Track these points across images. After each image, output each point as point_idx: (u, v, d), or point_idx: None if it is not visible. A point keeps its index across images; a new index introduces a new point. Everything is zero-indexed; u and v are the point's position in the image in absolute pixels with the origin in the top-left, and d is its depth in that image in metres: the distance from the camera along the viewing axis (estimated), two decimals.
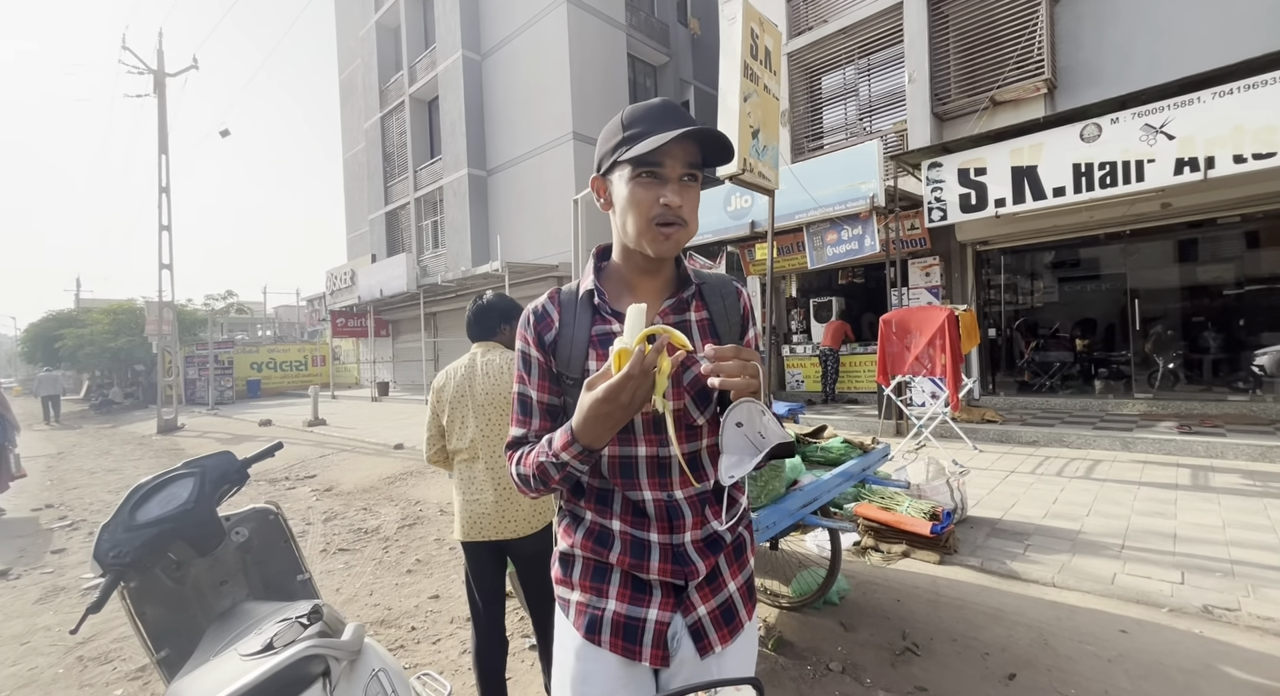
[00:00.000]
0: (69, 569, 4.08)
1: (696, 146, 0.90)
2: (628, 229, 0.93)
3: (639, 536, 0.97)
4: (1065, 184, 5.58)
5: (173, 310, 13.99)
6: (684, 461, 0.92)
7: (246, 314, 33.72)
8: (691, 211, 0.92)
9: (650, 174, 0.89)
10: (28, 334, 24.84)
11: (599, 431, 0.81)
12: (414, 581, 3.51)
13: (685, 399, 0.96)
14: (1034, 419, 6.98)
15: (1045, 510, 3.99)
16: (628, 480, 0.97)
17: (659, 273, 1.01)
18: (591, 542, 0.99)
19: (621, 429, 0.91)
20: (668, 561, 0.95)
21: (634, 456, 0.97)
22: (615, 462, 0.97)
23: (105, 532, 1.56)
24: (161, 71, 13.80)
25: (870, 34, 8.93)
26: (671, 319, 0.99)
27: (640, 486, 0.96)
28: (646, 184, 0.89)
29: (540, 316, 1.02)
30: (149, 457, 9.21)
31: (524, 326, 1.02)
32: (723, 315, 1.03)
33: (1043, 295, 9.80)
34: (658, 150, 0.86)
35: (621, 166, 0.91)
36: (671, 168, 0.88)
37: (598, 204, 1.01)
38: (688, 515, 0.97)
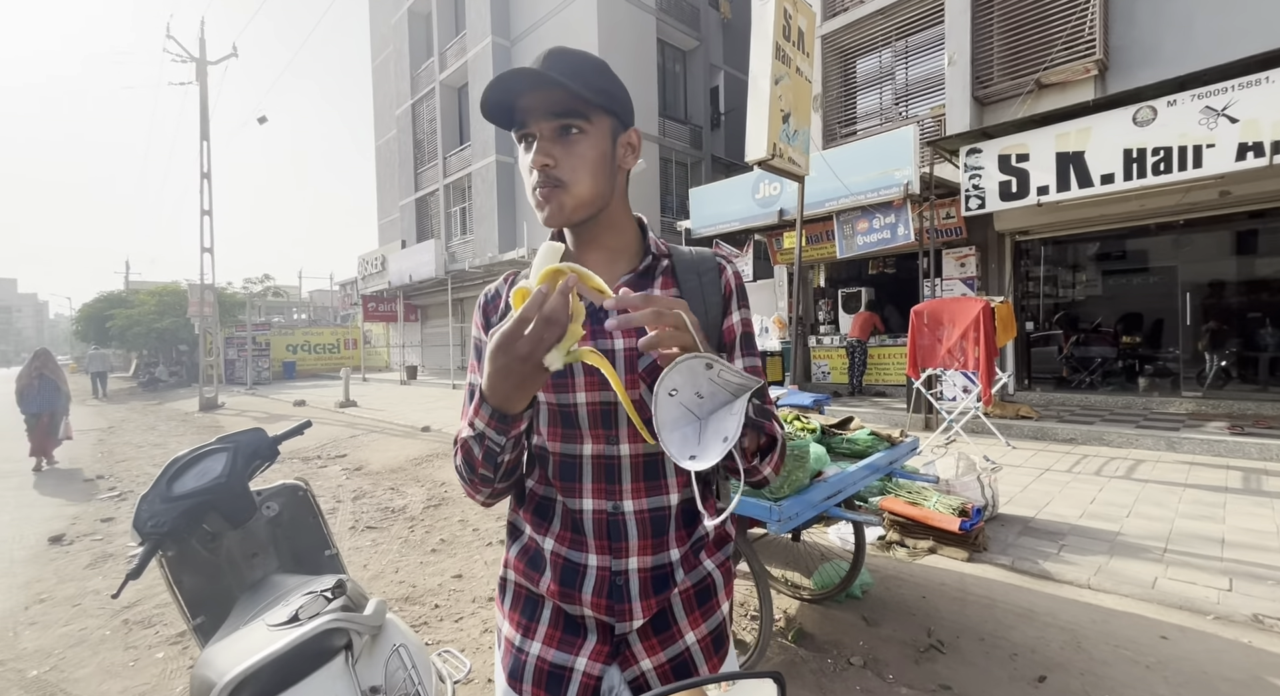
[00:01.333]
0: (116, 537, 4.28)
1: (565, 91, 0.73)
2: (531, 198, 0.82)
3: (573, 558, 0.81)
4: (1115, 171, 5.31)
5: (214, 293, 14.47)
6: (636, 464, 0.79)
7: (282, 297, 34.71)
8: (573, 167, 0.76)
9: (526, 140, 0.78)
10: (82, 314, 26.04)
11: (505, 390, 0.64)
12: (438, 560, 3.58)
13: (641, 387, 0.80)
14: (1072, 416, 6.74)
15: (1082, 510, 3.85)
16: (568, 484, 0.82)
17: (601, 242, 0.86)
18: (524, 564, 0.86)
19: (565, 421, 0.81)
20: (602, 594, 0.79)
21: (577, 455, 0.82)
22: (557, 461, 0.83)
23: (144, 503, 1.61)
24: (203, 60, 14.15)
25: (909, 15, 8.61)
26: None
27: (582, 492, 0.81)
28: (526, 148, 0.78)
29: (490, 299, 0.91)
30: (191, 433, 9.60)
31: (476, 311, 0.92)
32: (697, 294, 0.85)
33: (1085, 288, 9.41)
34: (517, 110, 0.76)
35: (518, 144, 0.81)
36: (537, 124, 0.76)
37: None
38: (633, 535, 0.80)
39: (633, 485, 0.81)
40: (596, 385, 0.80)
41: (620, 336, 0.81)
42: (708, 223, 9.69)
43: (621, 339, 0.81)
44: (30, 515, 4.95)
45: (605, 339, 0.81)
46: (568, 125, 0.76)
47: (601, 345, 0.80)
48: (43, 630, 2.84)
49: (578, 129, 0.76)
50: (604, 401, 0.80)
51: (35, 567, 3.71)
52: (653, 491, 0.82)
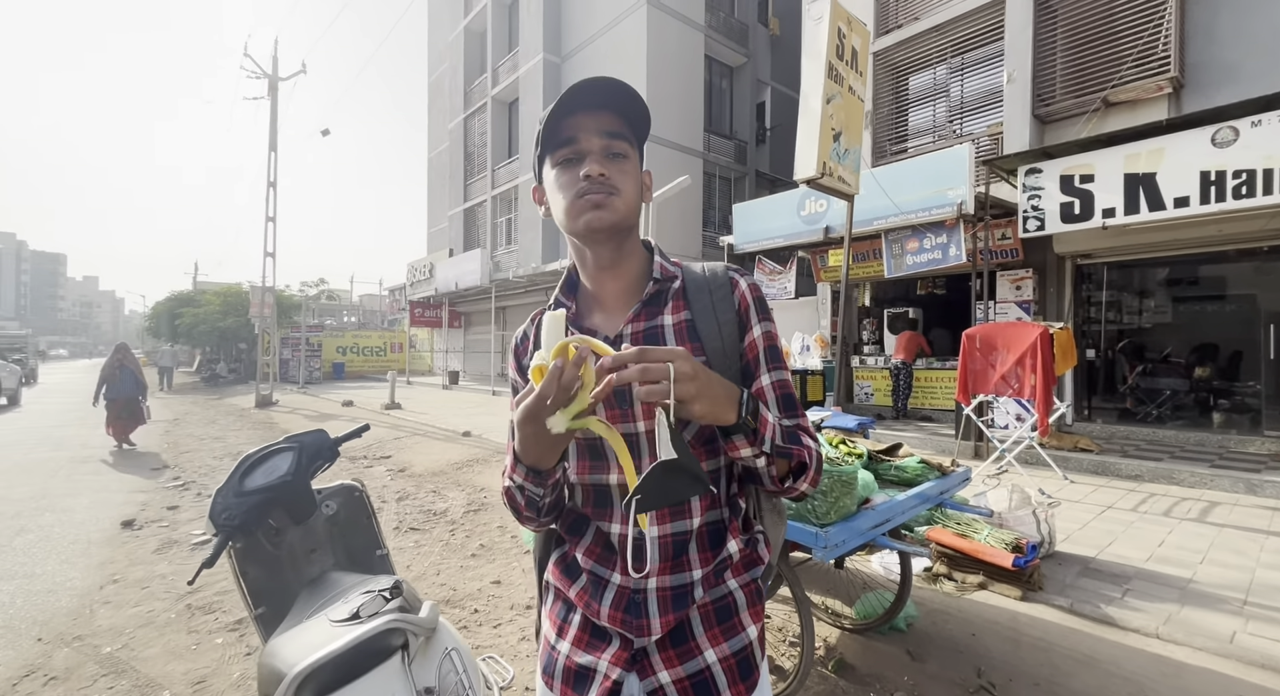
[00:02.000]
0: (181, 524, 4.52)
1: (615, 116, 0.81)
2: (558, 215, 0.84)
3: (600, 573, 0.86)
4: (1190, 194, 5.04)
5: (273, 295, 15.24)
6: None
7: (335, 300, 36.27)
8: (622, 180, 0.81)
9: (569, 157, 0.81)
10: (154, 311, 27.85)
11: (537, 452, 0.72)
12: (477, 565, 3.64)
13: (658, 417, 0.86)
14: (1137, 451, 6.36)
15: (1149, 552, 3.62)
16: (600, 510, 0.88)
17: (621, 269, 0.88)
18: (560, 571, 0.92)
19: (592, 454, 0.86)
20: (619, 608, 0.83)
21: (606, 484, 0.87)
22: (588, 490, 0.89)
23: (219, 496, 1.71)
24: (275, 76, 15.06)
25: (966, 31, 8.44)
26: (641, 325, 0.86)
27: (612, 517, 0.86)
28: (567, 167, 0.81)
29: (520, 341, 0.97)
30: (247, 429, 10.09)
31: (512, 354, 0.97)
32: (708, 313, 0.86)
33: (1153, 315, 8.90)
34: (564, 126, 0.80)
35: (545, 161, 0.84)
36: (588, 140, 0.80)
37: (540, 213, 0.93)
38: (656, 557, 0.83)
39: (657, 512, 0.83)
40: (618, 418, 0.84)
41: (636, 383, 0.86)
42: (751, 239, 9.65)
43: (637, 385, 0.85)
44: (105, 499, 5.29)
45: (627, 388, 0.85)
46: (616, 148, 0.81)
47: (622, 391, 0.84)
48: (115, 609, 3.02)
49: (622, 153, 0.82)
50: (627, 433, 0.84)
51: (109, 550, 3.96)
52: (676, 516, 0.84)
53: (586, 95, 0.79)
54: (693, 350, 0.84)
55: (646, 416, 0.83)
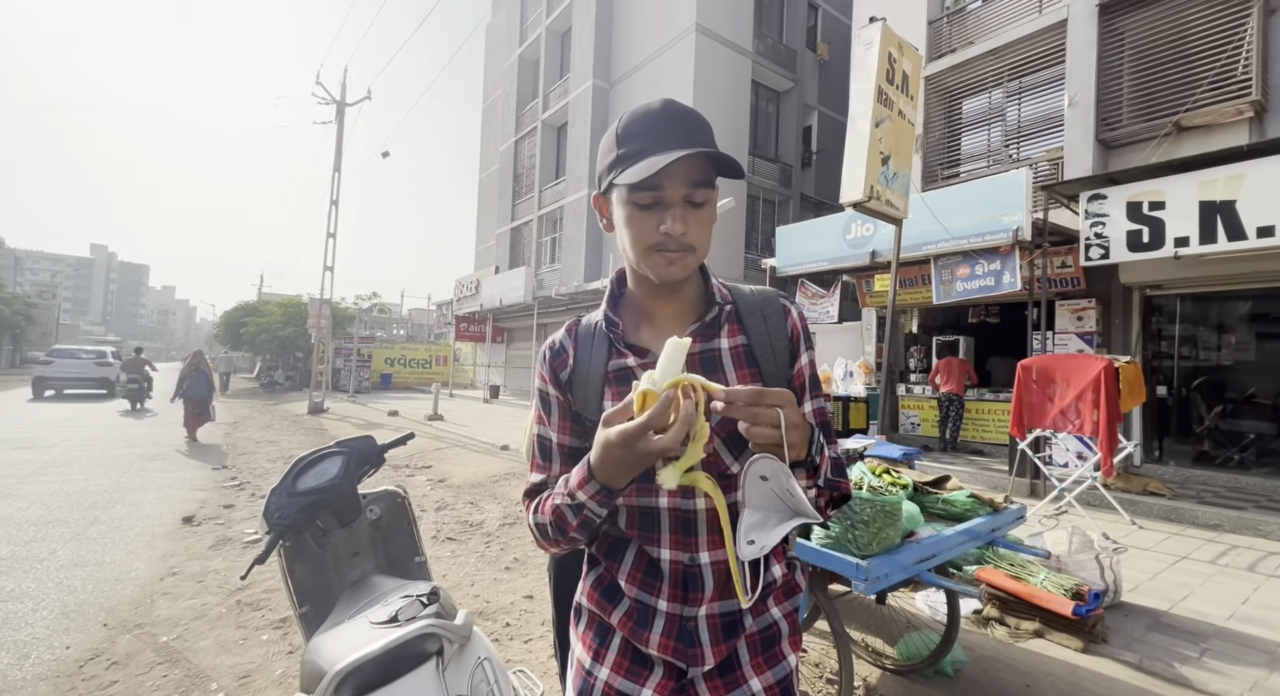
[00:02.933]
0: (235, 522, 4.74)
1: (702, 161, 0.78)
2: (628, 254, 0.83)
3: (645, 600, 0.84)
4: (1275, 223, 4.72)
5: (329, 307, 16.00)
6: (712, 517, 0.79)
7: (386, 314, 37.75)
8: (700, 235, 0.80)
9: (650, 201, 0.78)
10: (222, 320, 29.66)
11: (616, 473, 0.69)
12: (511, 579, 3.66)
13: (715, 441, 0.82)
14: (1215, 498, 5.87)
15: (1231, 610, 3.31)
16: (647, 534, 0.85)
17: (678, 294, 0.88)
18: (598, 595, 0.89)
19: (643, 474, 0.81)
20: (671, 637, 0.81)
21: (655, 507, 0.84)
22: (634, 513, 0.86)
23: (273, 496, 1.79)
24: (343, 102, 16.04)
25: (1025, 55, 8.25)
26: (697, 348, 0.85)
27: (660, 542, 0.83)
28: (646, 210, 0.78)
29: (556, 352, 0.91)
30: (299, 434, 10.53)
31: (540, 363, 0.93)
32: (764, 339, 0.86)
33: (1233, 352, 8.29)
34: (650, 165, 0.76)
35: (616, 188, 0.80)
36: (672, 189, 0.77)
37: (600, 223, 0.90)
38: (709, 585, 0.82)
39: (709, 537, 0.82)
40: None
41: None
42: (794, 261, 9.56)
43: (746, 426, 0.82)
44: (170, 495, 5.61)
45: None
46: (699, 197, 0.79)
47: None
48: (172, 601, 3.18)
49: (705, 201, 0.80)
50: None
51: (170, 543, 4.18)
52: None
53: (680, 137, 0.77)
54: (750, 376, 0.85)
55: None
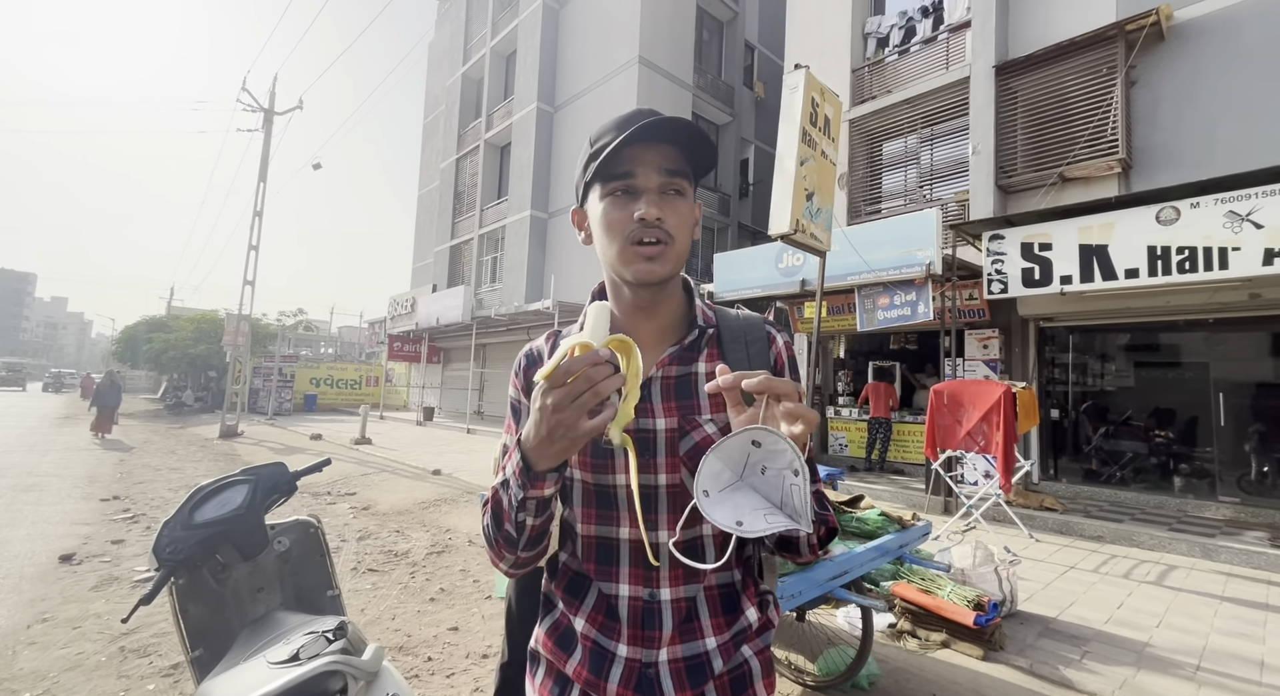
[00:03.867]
0: (125, 559, 4.30)
1: (677, 151, 0.75)
2: (605, 253, 0.78)
3: (603, 645, 0.77)
4: (1139, 266, 5.35)
5: (249, 323, 15.02)
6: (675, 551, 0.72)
7: (313, 331, 35.78)
8: (679, 225, 0.75)
9: (623, 190, 0.74)
10: (122, 335, 27.14)
11: (542, 448, 0.61)
12: (436, 610, 3.52)
13: (682, 471, 0.77)
14: (1099, 511, 6.47)
15: (1108, 614, 3.65)
16: (604, 568, 0.78)
17: (658, 311, 0.82)
18: (553, 642, 0.81)
19: (601, 501, 0.78)
20: (630, 686, 0.74)
21: (614, 538, 0.77)
22: (591, 543, 0.79)
23: (165, 529, 1.67)
24: (271, 110, 15.35)
25: (935, 105, 9.04)
26: (674, 371, 0.80)
27: (618, 577, 0.77)
28: (619, 201, 0.74)
29: (533, 361, 0.87)
30: (208, 460, 9.73)
31: (515, 372, 0.87)
32: (744, 366, 0.81)
33: (1114, 379, 9.23)
34: (622, 158, 0.73)
35: (592, 187, 0.77)
36: (645, 177, 0.73)
37: (579, 239, 0.86)
38: (668, 624, 0.75)
39: (670, 572, 0.76)
40: (642, 467, 0.77)
41: (663, 415, 0.78)
42: (731, 287, 9.89)
43: (663, 419, 0.78)
44: (45, 531, 5.03)
45: (646, 418, 0.78)
46: (675, 185, 0.75)
47: (642, 424, 0.77)
48: (41, 651, 2.84)
49: (678, 190, 0.76)
50: (645, 485, 0.77)
51: (42, 586, 3.74)
52: (690, 577, 0.77)
53: (650, 130, 0.72)
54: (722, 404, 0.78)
55: (670, 470, 0.77)
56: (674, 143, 0.75)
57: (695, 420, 0.78)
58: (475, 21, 20.95)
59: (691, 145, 0.75)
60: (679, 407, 0.79)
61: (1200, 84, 6.56)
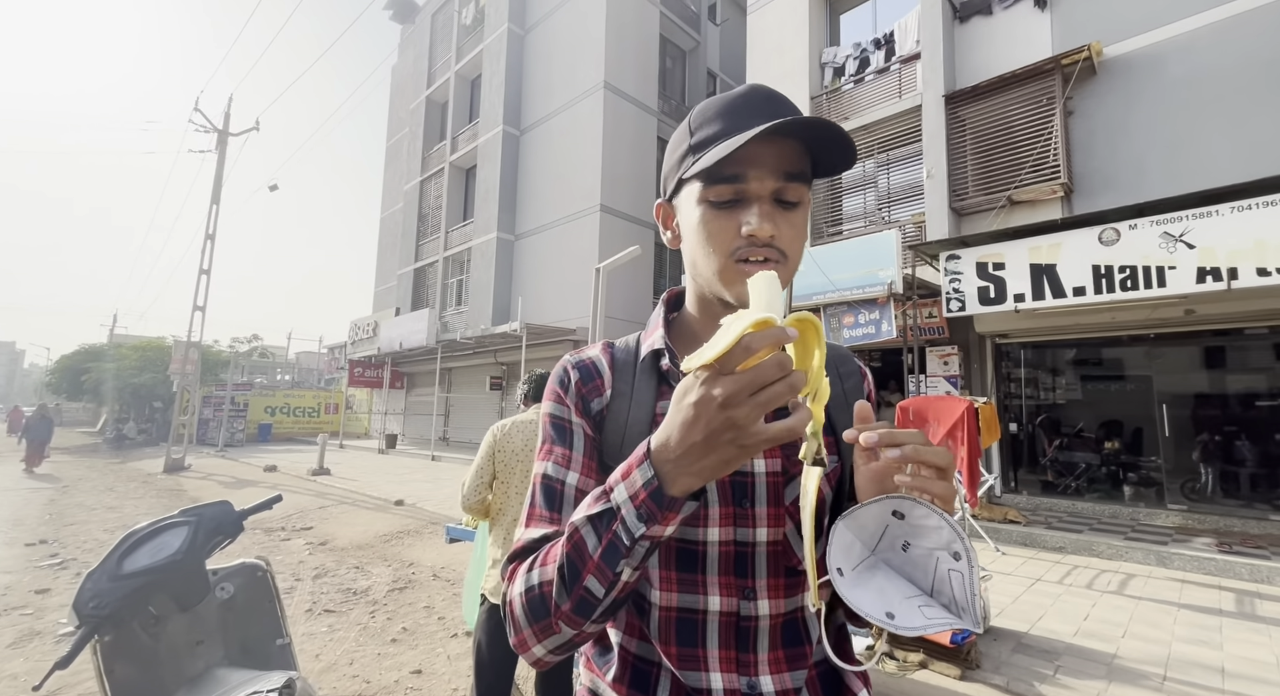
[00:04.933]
0: (49, 611, 3.94)
1: (799, 146, 0.62)
2: (699, 268, 0.66)
3: None
4: (1085, 284, 5.61)
5: (198, 350, 14.34)
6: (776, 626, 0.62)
7: (269, 358, 34.44)
8: (793, 242, 0.63)
9: (730, 195, 0.61)
10: (58, 365, 25.55)
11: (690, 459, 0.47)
12: (398, 652, 3.31)
13: (786, 525, 0.65)
14: (1060, 522, 6.64)
15: (1076, 627, 3.70)
16: (686, 650, 0.63)
17: None
18: None
19: (683, 562, 0.63)
20: None
21: (699, 610, 0.63)
22: (669, 618, 0.63)
23: (89, 581, 1.52)
24: (226, 131, 14.95)
25: (890, 132, 9.41)
26: None
27: (706, 663, 0.62)
28: (723, 208, 0.62)
29: (588, 374, 0.71)
30: (150, 497, 9.12)
31: (560, 384, 0.70)
32: (841, 402, 0.72)
33: (1065, 392, 9.60)
34: (733, 158, 0.59)
35: (689, 184, 0.65)
36: (759, 181, 0.60)
37: (664, 238, 0.73)
38: None
39: (770, 655, 0.63)
40: (732, 518, 0.64)
41: (764, 456, 0.66)
42: None
43: (762, 460, 0.66)
44: None
45: None
46: (791, 195, 0.63)
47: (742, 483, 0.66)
48: None
49: (798, 200, 0.63)
50: (740, 541, 0.64)
51: None
52: (795, 662, 0.64)
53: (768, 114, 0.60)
54: (828, 443, 0.68)
55: (773, 523, 0.64)
56: (797, 136, 0.61)
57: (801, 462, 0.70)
58: (440, 46, 21.00)
59: (823, 144, 0.62)
60: (782, 447, 0.66)
61: (1131, 114, 7.02)
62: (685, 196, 0.66)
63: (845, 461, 0.70)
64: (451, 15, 20.11)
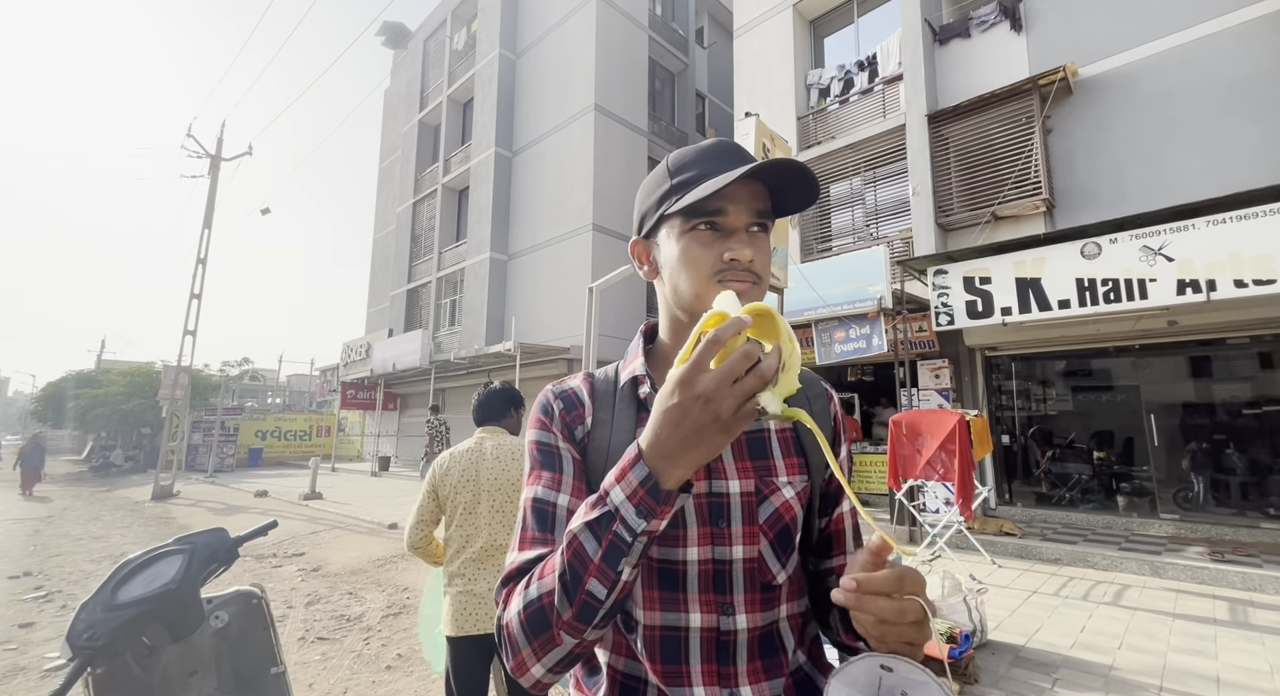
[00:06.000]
0: (34, 645, 3.85)
1: (765, 189, 0.69)
2: (681, 292, 0.69)
3: None
4: (1070, 297, 5.71)
5: (188, 375, 14.22)
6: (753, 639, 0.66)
7: (260, 381, 34.16)
8: (764, 264, 0.69)
9: (709, 225, 0.67)
10: (44, 392, 25.23)
11: (679, 453, 0.51)
12: (393, 680, 3.27)
13: (760, 542, 0.69)
14: (1055, 534, 6.66)
15: (1073, 639, 3.70)
16: (671, 667, 0.65)
17: None
18: None
19: (665, 581, 0.66)
20: None
21: (682, 628, 0.66)
22: (653, 636, 0.66)
23: (83, 612, 1.51)
24: (218, 156, 15.04)
25: (876, 150, 9.61)
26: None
27: (689, 678, 0.65)
28: (704, 237, 0.67)
29: (570, 403, 0.74)
30: (138, 526, 8.96)
31: (544, 413, 0.74)
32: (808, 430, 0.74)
33: (1056, 403, 9.69)
34: (716, 194, 0.65)
35: (670, 221, 0.70)
36: (736, 215, 0.67)
37: (639, 272, 0.79)
38: None
39: (750, 666, 0.67)
40: (709, 538, 0.68)
41: (738, 477, 0.70)
42: None
43: (737, 480, 0.70)
44: None
45: (719, 479, 0.70)
46: (761, 223, 0.70)
47: (715, 487, 0.69)
48: None
49: (765, 227, 0.71)
50: (718, 559, 0.68)
51: None
52: (772, 671, 0.68)
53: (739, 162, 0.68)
54: (797, 465, 0.74)
55: (748, 541, 0.68)
56: (765, 182, 0.69)
57: (773, 482, 0.71)
58: (432, 71, 21.31)
59: (789, 185, 0.69)
60: (755, 468, 0.71)
61: (1107, 132, 7.22)
62: (663, 233, 0.72)
63: (814, 482, 0.76)
64: (443, 40, 20.46)
